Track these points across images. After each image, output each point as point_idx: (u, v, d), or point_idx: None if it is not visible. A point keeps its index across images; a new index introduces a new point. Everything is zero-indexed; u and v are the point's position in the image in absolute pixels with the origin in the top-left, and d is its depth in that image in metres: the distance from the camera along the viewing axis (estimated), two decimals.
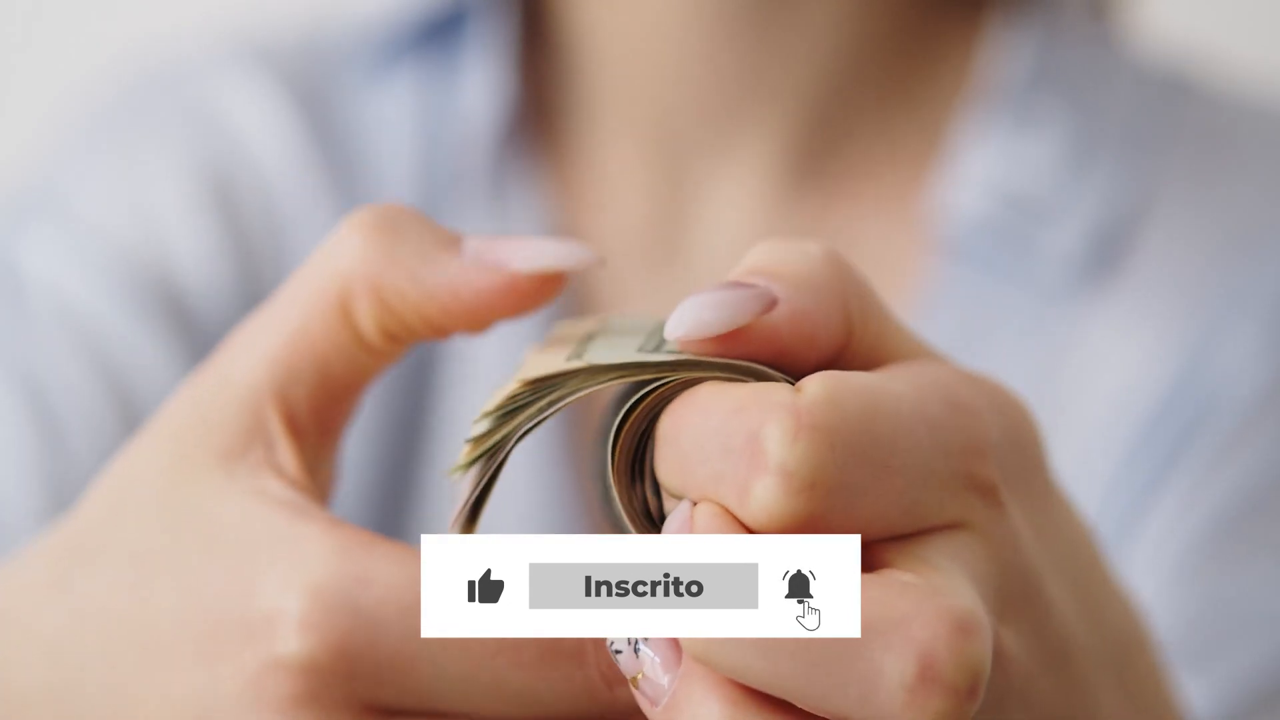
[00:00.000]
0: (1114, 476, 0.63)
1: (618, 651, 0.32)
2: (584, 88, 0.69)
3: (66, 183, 0.69)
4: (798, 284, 0.33)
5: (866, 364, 0.34)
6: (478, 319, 0.37)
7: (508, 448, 0.34)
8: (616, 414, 0.34)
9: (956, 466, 0.32)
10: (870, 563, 0.31)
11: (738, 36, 0.66)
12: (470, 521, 0.34)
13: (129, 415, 0.63)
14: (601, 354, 0.34)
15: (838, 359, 0.34)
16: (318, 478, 0.37)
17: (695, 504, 0.32)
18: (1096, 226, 0.66)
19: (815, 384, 0.31)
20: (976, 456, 0.32)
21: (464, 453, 0.34)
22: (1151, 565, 0.61)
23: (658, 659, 0.32)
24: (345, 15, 0.74)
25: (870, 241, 0.67)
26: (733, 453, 0.31)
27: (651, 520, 0.34)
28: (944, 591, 0.30)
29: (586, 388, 0.33)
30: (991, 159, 0.67)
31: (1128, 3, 0.74)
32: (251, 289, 0.67)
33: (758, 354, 0.33)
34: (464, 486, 0.34)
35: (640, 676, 0.32)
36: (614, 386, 0.34)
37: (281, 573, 0.34)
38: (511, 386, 0.33)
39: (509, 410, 0.33)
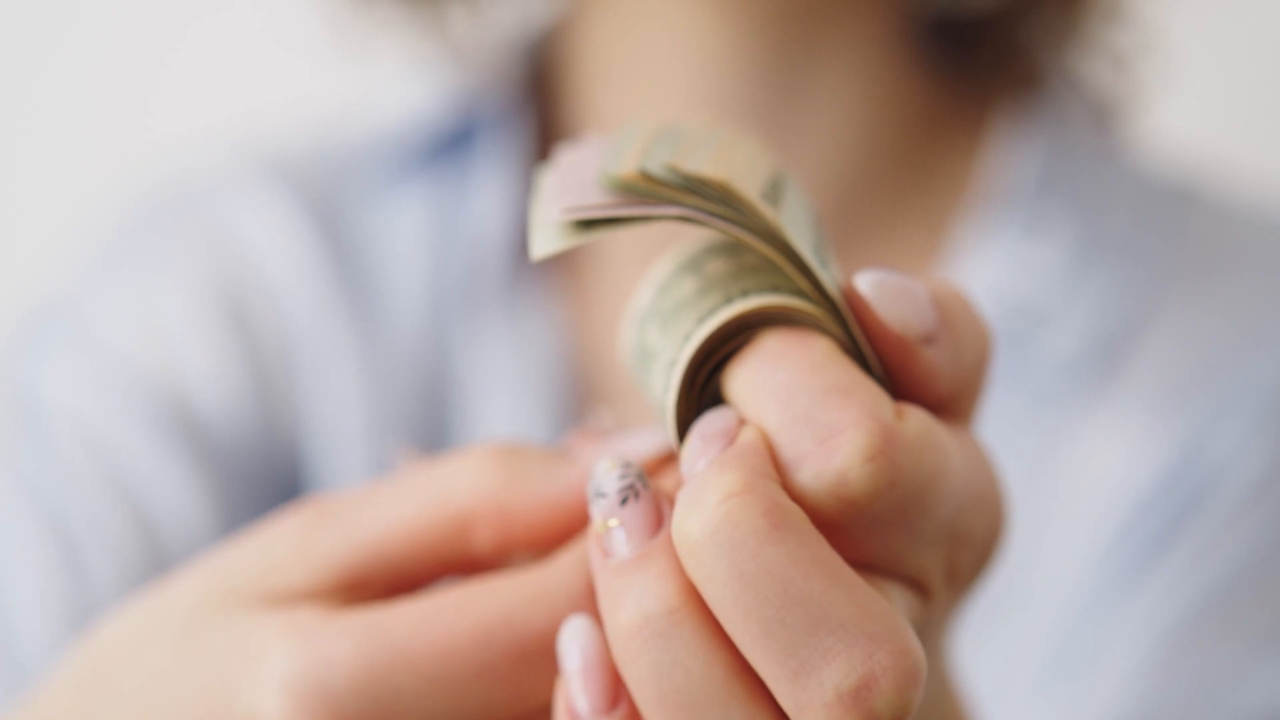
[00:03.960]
0: (1102, 562, 0.63)
1: (601, 495, 0.33)
2: None
3: (84, 306, 0.69)
4: (955, 349, 0.34)
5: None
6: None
7: (659, 212, 0.33)
8: (725, 290, 0.34)
9: (951, 547, 0.34)
10: None
11: None
12: (585, 225, 0.33)
13: (151, 542, 0.64)
14: (790, 230, 0.33)
15: (925, 409, 0.35)
16: None
17: (743, 423, 0.32)
18: (1095, 332, 0.66)
19: (919, 422, 0.32)
20: (966, 546, 0.34)
21: (628, 176, 0.33)
22: (1130, 647, 0.61)
23: (632, 524, 0.32)
24: (358, 126, 0.74)
25: None
26: (812, 424, 0.32)
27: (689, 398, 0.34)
28: (913, 640, 0.31)
29: (759, 241, 0.33)
30: (995, 264, 0.67)
31: (1131, 115, 0.75)
32: (266, 408, 0.67)
33: (881, 357, 0.34)
34: (592, 195, 0.33)
35: (610, 527, 0.32)
36: (772, 255, 0.33)
37: (252, 677, 0.35)
38: (711, 173, 0.33)
39: (689, 186, 0.33)
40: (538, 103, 0.72)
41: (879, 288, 0.34)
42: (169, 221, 0.71)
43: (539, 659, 0.35)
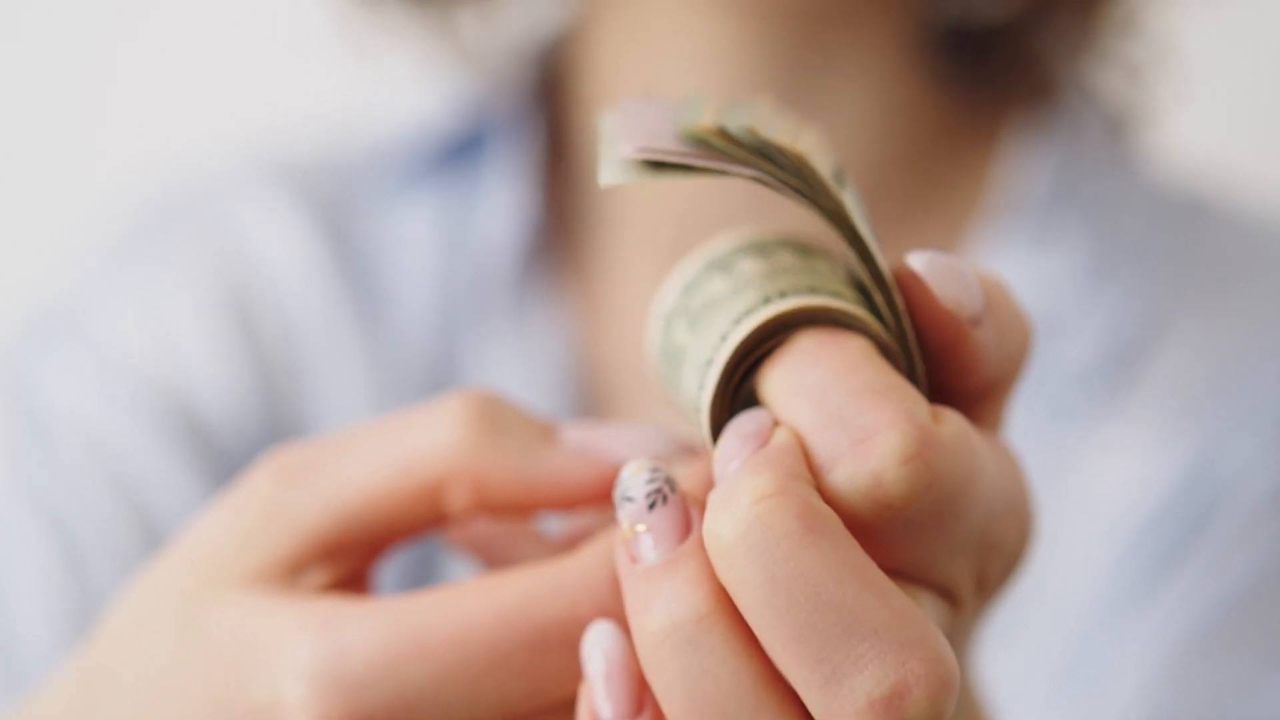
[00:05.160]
0: (1113, 576, 0.63)
1: (629, 499, 0.32)
2: (604, 204, 0.70)
3: (89, 310, 0.69)
4: (1000, 332, 0.34)
5: (970, 413, 0.35)
6: (576, 504, 0.37)
7: (734, 169, 0.32)
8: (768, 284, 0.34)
9: (982, 555, 0.33)
10: None
11: None
12: (653, 168, 0.33)
13: (154, 546, 0.63)
14: (854, 212, 0.33)
15: (964, 398, 0.35)
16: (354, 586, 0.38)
17: (777, 424, 0.32)
18: (1108, 344, 0.66)
19: (955, 425, 0.32)
20: (998, 555, 0.34)
21: (704, 129, 0.33)
22: (1141, 660, 0.61)
23: (660, 529, 0.32)
24: (366, 133, 0.74)
25: None
26: (848, 425, 0.31)
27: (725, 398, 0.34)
28: (947, 648, 0.31)
29: (824, 218, 0.33)
30: (1009, 276, 0.67)
31: (1149, 124, 0.74)
32: (271, 413, 0.67)
33: (926, 340, 0.34)
34: (666, 143, 0.33)
35: (637, 532, 0.32)
36: (835, 232, 0.33)
37: (269, 664, 0.35)
38: (787, 143, 0.33)
39: (764, 150, 0.33)
40: (548, 108, 0.72)
41: (932, 265, 0.33)
42: (176, 225, 0.71)
43: (558, 651, 0.35)
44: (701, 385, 0.34)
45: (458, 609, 0.35)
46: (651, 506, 0.32)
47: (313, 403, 0.67)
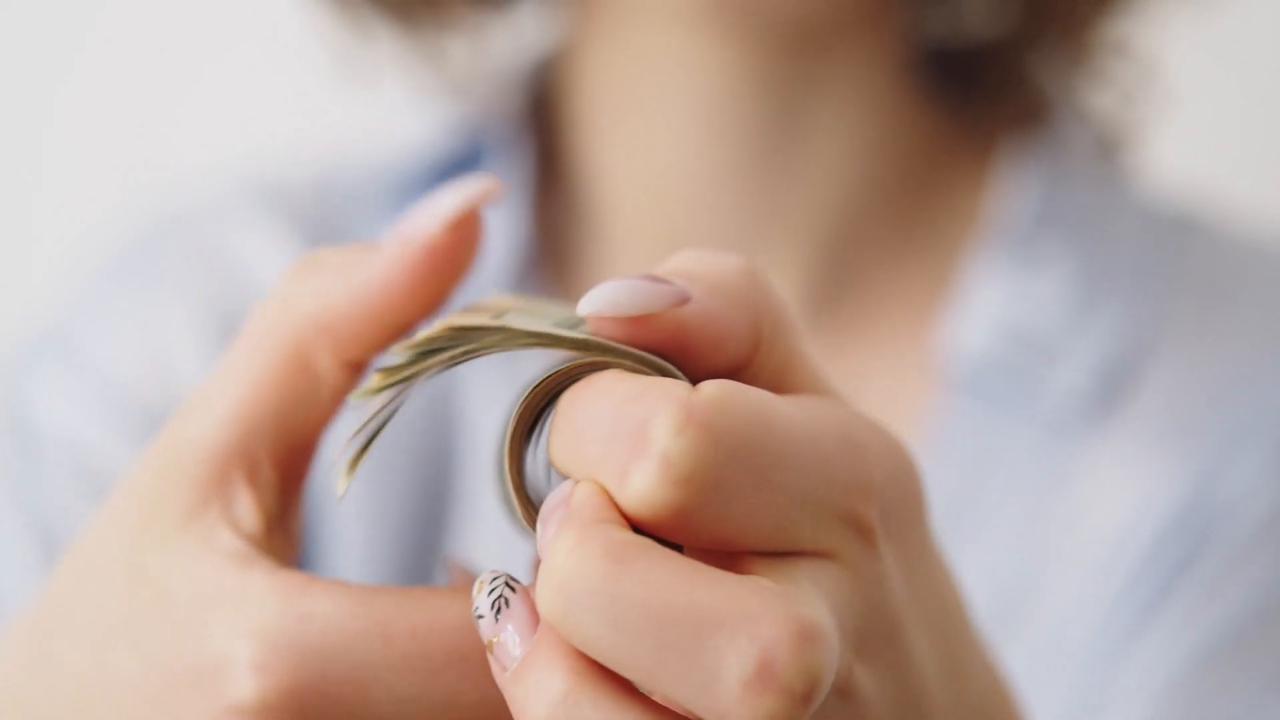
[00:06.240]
0: (1115, 601, 0.63)
1: (480, 616, 0.33)
2: (597, 229, 0.70)
3: (81, 329, 0.69)
4: (711, 287, 0.34)
5: (770, 384, 0.35)
6: (423, 297, 0.38)
7: (415, 384, 0.34)
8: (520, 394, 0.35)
9: (837, 499, 0.33)
10: (734, 569, 0.32)
11: (749, 178, 0.67)
12: (364, 449, 0.35)
13: None
14: (520, 322, 0.35)
15: (742, 371, 0.35)
16: (285, 525, 0.38)
17: (577, 483, 0.33)
18: (1102, 363, 0.66)
19: (712, 386, 0.32)
20: (859, 493, 0.33)
21: (374, 380, 0.35)
22: (1141, 687, 0.60)
23: (514, 627, 0.32)
24: (359, 156, 0.74)
25: (881, 379, 0.68)
26: (621, 436, 0.32)
27: (532, 502, 0.35)
28: (794, 599, 0.31)
29: (502, 346, 0.34)
30: (999, 297, 0.67)
31: (1135, 144, 0.75)
32: None
33: (663, 347, 0.34)
34: (363, 413, 0.35)
35: (496, 641, 0.32)
36: (523, 349, 0.35)
37: (228, 620, 0.35)
38: (435, 330, 0.34)
39: (425, 350, 0.34)
40: (538, 129, 0.72)
41: (598, 299, 0.34)
42: (169, 246, 0.71)
43: None
44: (512, 512, 0.35)
45: (426, 606, 0.35)
46: (498, 614, 0.33)
47: None
